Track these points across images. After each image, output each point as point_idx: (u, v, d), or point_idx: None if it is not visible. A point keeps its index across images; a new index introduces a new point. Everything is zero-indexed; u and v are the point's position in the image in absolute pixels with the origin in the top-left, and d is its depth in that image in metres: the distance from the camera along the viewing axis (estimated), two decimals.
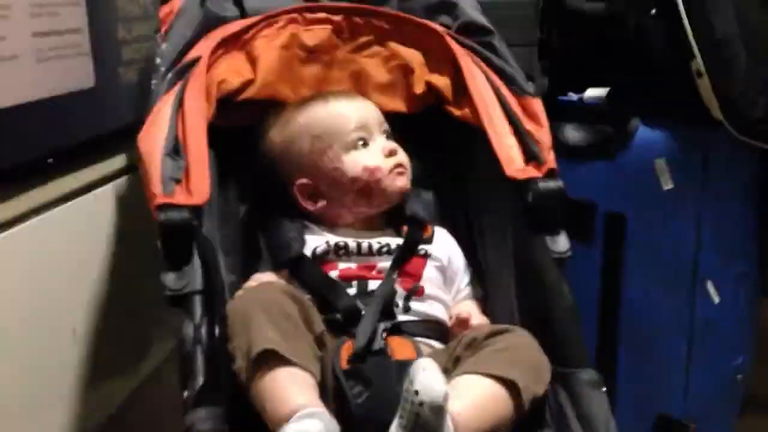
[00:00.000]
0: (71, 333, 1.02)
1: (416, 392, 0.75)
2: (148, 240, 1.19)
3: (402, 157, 1.07)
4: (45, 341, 0.97)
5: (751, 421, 1.56)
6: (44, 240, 0.97)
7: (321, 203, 1.07)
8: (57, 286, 0.99)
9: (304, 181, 1.07)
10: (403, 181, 1.06)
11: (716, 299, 1.39)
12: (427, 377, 0.76)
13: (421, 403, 0.75)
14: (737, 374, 1.47)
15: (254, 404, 0.83)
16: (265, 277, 0.99)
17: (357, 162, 1.05)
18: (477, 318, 1.00)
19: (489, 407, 0.82)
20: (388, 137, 1.08)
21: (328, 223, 1.07)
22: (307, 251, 1.02)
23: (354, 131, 1.05)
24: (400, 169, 1.06)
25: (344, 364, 0.89)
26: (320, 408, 0.81)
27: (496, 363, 0.84)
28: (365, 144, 1.06)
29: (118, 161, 1.16)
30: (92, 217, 1.08)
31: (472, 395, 0.83)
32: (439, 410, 0.75)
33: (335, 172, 1.05)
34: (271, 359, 0.83)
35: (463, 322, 0.98)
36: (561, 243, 0.99)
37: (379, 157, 1.05)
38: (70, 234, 1.03)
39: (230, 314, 0.88)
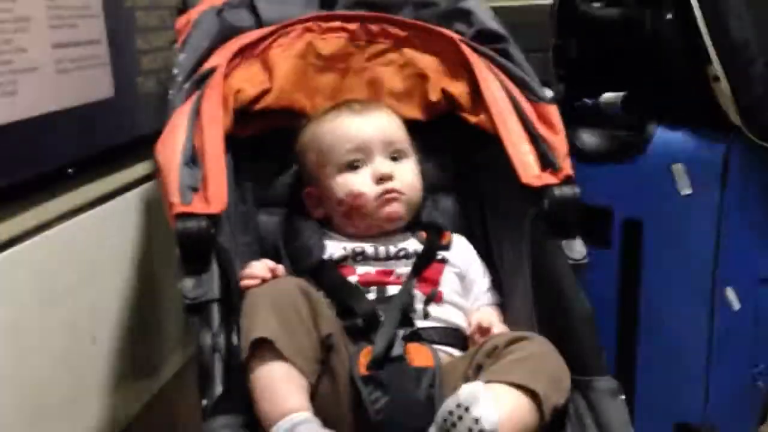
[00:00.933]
0: (91, 340, 1.03)
1: (476, 420, 0.77)
2: (167, 248, 1.21)
3: (395, 183, 1.05)
4: (65, 348, 0.97)
5: None
6: (64, 249, 0.98)
7: (324, 212, 1.08)
8: (77, 293, 1.00)
9: (310, 189, 1.10)
10: (392, 208, 1.05)
11: (736, 306, 1.37)
12: (487, 405, 0.78)
13: (481, 430, 0.77)
14: (757, 382, 1.45)
15: (250, 396, 0.84)
16: (259, 264, 0.98)
17: (344, 185, 1.05)
18: (497, 326, 1.00)
19: (514, 417, 0.82)
20: (395, 158, 1.07)
21: (346, 230, 1.07)
22: (326, 257, 1.03)
23: (348, 153, 1.05)
24: (388, 196, 1.05)
25: (363, 370, 0.89)
26: (309, 413, 0.82)
27: (519, 373, 0.84)
28: (357, 167, 1.05)
29: (138, 170, 1.17)
30: (112, 225, 1.09)
31: (499, 405, 0.82)
32: None
33: (328, 190, 1.07)
34: (268, 352, 0.84)
35: (484, 331, 0.98)
36: (577, 250, 0.98)
37: (366, 183, 1.05)
38: (90, 243, 1.04)
39: (243, 307, 0.89)
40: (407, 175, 1.07)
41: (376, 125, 1.07)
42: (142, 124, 1.17)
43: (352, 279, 1.01)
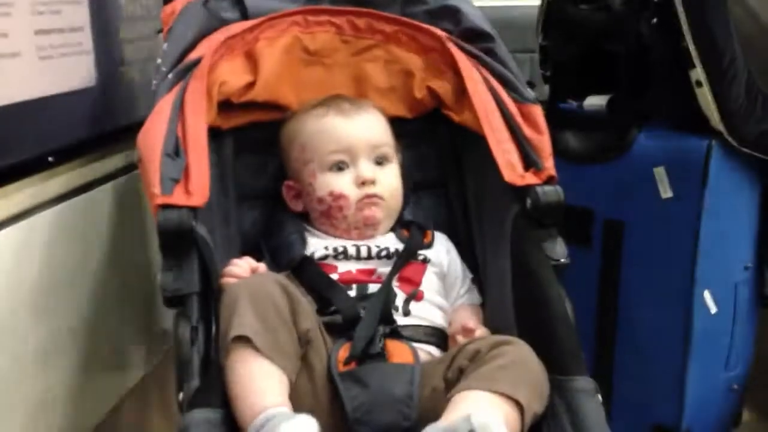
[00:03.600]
0: (68, 333, 1.02)
1: None
2: (146, 239, 1.20)
3: (377, 188, 1.05)
4: (42, 338, 0.96)
5: None
6: (43, 237, 0.97)
7: (303, 206, 1.08)
8: (56, 282, 0.99)
9: (290, 182, 1.09)
10: (371, 212, 1.05)
11: (713, 309, 1.39)
12: None
13: None
14: (733, 384, 1.47)
15: (228, 394, 0.83)
16: (241, 262, 0.98)
17: (326, 185, 1.05)
18: (480, 329, 1.00)
19: None
20: (379, 162, 1.07)
21: (325, 228, 1.07)
22: (308, 253, 1.03)
23: (333, 153, 1.05)
24: (369, 200, 1.05)
25: (341, 367, 0.89)
26: (286, 409, 0.81)
27: (503, 381, 0.84)
28: (342, 168, 1.05)
29: (118, 160, 1.16)
30: (92, 215, 1.08)
31: (486, 412, 0.81)
32: None
33: (309, 186, 1.06)
34: (246, 350, 0.83)
35: (468, 332, 0.97)
36: (559, 250, 0.99)
37: (349, 185, 1.05)
38: (70, 231, 1.03)
39: (221, 303, 0.88)
40: (390, 181, 1.07)
41: (363, 128, 1.07)
42: (125, 113, 1.16)
43: (333, 277, 1.01)
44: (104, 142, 1.13)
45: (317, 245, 1.04)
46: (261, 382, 0.83)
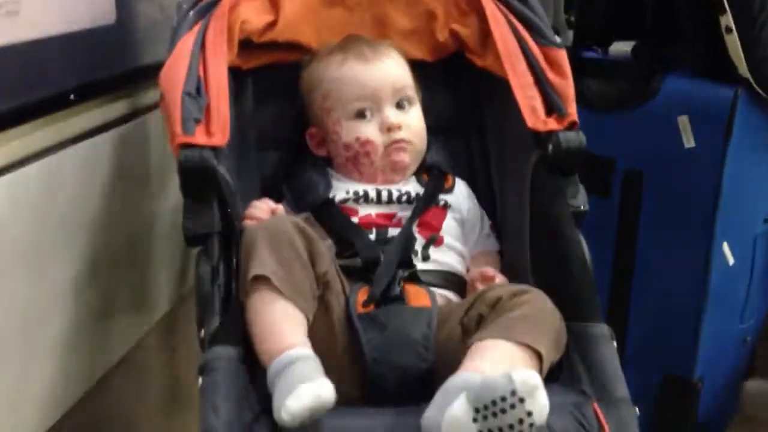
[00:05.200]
0: (87, 271, 1.03)
1: (529, 413, 0.73)
2: (166, 179, 1.20)
3: (404, 133, 1.04)
4: (62, 277, 0.97)
5: None
6: (67, 175, 0.97)
7: (327, 152, 1.08)
8: (74, 221, 0.99)
9: (314, 130, 1.09)
10: (399, 157, 1.04)
11: (731, 261, 1.38)
12: (543, 399, 0.74)
13: (531, 425, 0.73)
14: (746, 336, 1.47)
15: (249, 333, 0.84)
16: (260, 203, 0.98)
17: (352, 131, 1.04)
18: (499, 277, 1.00)
19: None
20: (403, 105, 1.06)
21: (350, 174, 1.07)
22: (330, 196, 1.03)
23: (357, 101, 1.04)
24: (397, 146, 1.04)
25: (360, 309, 0.90)
26: (307, 349, 0.82)
27: (523, 331, 0.83)
28: (367, 115, 1.04)
29: (139, 99, 1.16)
30: (112, 154, 1.08)
31: (507, 361, 0.81)
32: (537, 430, 0.75)
33: (334, 134, 1.06)
34: (265, 290, 0.84)
35: (487, 280, 0.98)
36: (580, 197, 0.98)
37: (375, 131, 1.04)
38: (93, 169, 1.03)
39: (241, 244, 0.89)
40: (414, 124, 1.06)
41: (385, 72, 1.05)
42: (146, 52, 1.15)
43: (353, 220, 1.01)
44: (126, 82, 1.12)
45: (338, 188, 1.04)
46: (281, 322, 0.84)
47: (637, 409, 0.85)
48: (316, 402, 0.75)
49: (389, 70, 1.06)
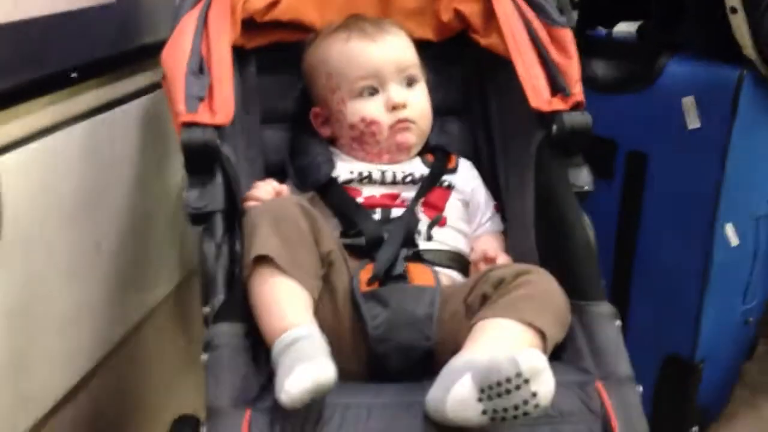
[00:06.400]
0: (95, 249, 1.03)
1: (534, 394, 0.72)
2: (170, 158, 1.20)
3: (408, 112, 1.04)
4: (69, 254, 0.98)
5: None
6: (67, 154, 0.97)
7: (331, 132, 1.08)
8: (81, 200, 1.00)
9: (318, 109, 1.08)
10: (404, 137, 1.04)
11: (734, 242, 1.38)
12: (549, 381, 0.74)
13: (536, 405, 0.73)
14: (749, 317, 1.47)
15: (253, 312, 0.84)
16: (264, 184, 0.98)
17: (357, 111, 1.03)
18: (502, 257, 1.00)
19: None
20: (408, 84, 1.05)
21: (354, 153, 1.07)
22: (333, 176, 1.03)
23: (362, 79, 1.03)
24: (402, 125, 1.04)
25: (363, 287, 0.90)
26: (311, 327, 0.81)
27: (528, 310, 0.83)
28: (371, 93, 1.04)
29: (142, 79, 1.15)
30: (116, 133, 1.08)
31: (511, 341, 0.82)
32: (543, 410, 0.75)
33: (339, 113, 1.05)
34: (269, 269, 0.84)
35: (490, 260, 0.98)
36: (583, 177, 0.98)
37: (380, 110, 1.03)
38: (96, 148, 1.03)
39: (244, 225, 0.89)
40: (420, 102, 1.06)
41: (389, 50, 1.05)
42: (148, 30, 1.15)
43: (357, 200, 1.01)
44: (128, 60, 1.12)
45: (342, 169, 1.04)
46: (285, 300, 0.84)
47: (640, 387, 0.85)
48: (315, 384, 0.74)
49: (393, 48, 1.06)
